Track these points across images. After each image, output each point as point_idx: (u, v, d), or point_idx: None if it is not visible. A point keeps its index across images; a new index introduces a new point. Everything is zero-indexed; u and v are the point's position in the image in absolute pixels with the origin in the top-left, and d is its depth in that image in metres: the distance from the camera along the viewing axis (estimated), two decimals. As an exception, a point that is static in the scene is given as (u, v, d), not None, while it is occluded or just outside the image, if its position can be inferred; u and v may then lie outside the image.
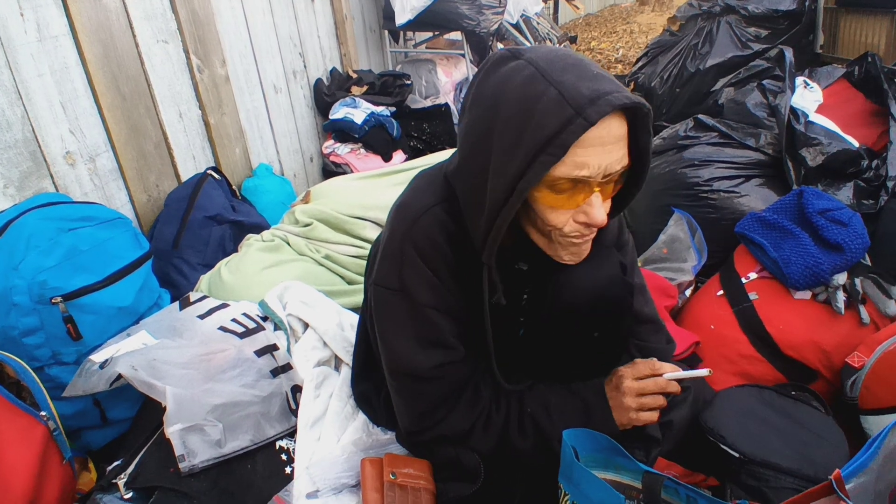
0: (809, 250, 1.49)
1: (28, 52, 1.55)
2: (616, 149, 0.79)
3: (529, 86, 0.78)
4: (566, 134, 0.74)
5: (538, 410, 1.01)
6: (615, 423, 0.99)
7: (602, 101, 0.75)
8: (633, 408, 0.97)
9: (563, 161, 0.77)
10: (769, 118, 1.91)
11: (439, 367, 0.97)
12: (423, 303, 0.94)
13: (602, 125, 0.76)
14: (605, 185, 0.83)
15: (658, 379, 0.98)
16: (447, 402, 1.00)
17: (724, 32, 2.45)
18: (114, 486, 1.11)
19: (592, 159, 0.78)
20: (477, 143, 0.83)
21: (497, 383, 1.04)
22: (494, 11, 3.33)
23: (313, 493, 1.10)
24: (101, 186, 1.79)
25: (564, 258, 0.90)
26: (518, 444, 1.00)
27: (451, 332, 0.97)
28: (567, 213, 0.83)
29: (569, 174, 0.78)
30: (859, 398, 1.32)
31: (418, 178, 1.03)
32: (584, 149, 0.77)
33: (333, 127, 2.84)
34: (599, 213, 0.82)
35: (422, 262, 0.93)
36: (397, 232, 0.94)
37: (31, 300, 1.26)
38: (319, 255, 1.86)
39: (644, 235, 2.03)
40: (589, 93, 0.75)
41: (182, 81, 2.11)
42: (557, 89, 0.76)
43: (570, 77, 0.77)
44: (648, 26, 6.85)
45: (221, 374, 1.28)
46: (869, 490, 0.87)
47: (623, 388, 0.98)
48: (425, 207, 0.94)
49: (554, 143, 0.75)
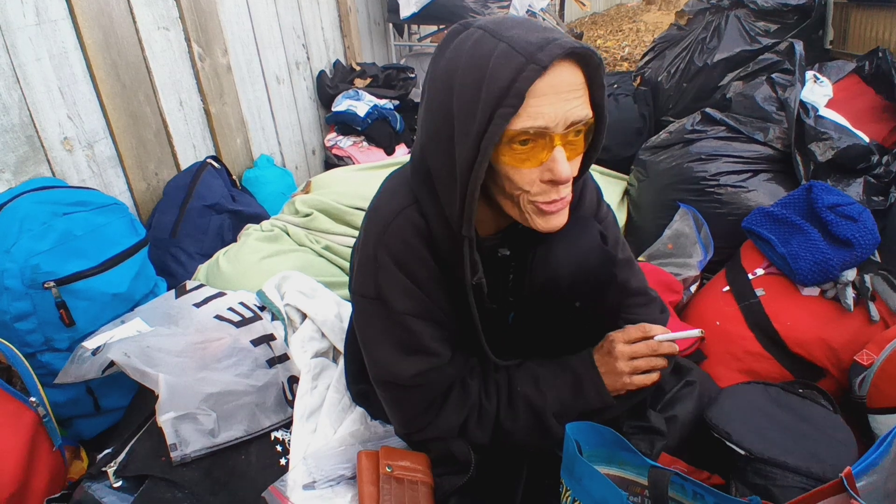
0: (818, 246, 1.46)
1: (26, 36, 1.53)
2: (572, 97, 0.78)
3: (480, 46, 0.79)
4: (520, 81, 0.74)
5: (528, 387, 1.00)
6: (606, 389, 0.98)
7: (551, 45, 0.75)
8: (626, 371, 0.97)
9: (520, 113, 0.76)
10: (778, 112, 1.87)
11: (421, 375, 0.96)
12: (400, 310, 0.93)
13: (554, 73, 0.76)
14: (568, 139, 0.81)
15: (650, 341, 0.97)
16: (433, 406, 0.99)
17: (732, 26, 2.41)
18: (103, 474, 1.09)
19: (548, 108, 0.77)
20: (439, 117, 0.83)
21: (486, 370, 1.02)
22: (500, 5, 3.31)
23: (310, 484, 1.08)
24: (100, 173, 1.77)
25: (538, 224, 0.87)
26: (511, 427, 0.99)
27: (432, 337, 0.96)
28: (532, 171, 0.82)
29: (527, 125, 0.77)
30: (868, 397, 1.29)
31: (388, 180, 1.02)
32: (539, 98, 0.77)
33: (336, 119, 2.82)
34: (563, 167, 0.81)
35: (396, 268, 0.92)
36: (370, 239, 0.93)
37: (23, 284, 1.24)
38: (319, 245, 1.84)
39: (649, 230, 2.01)
40: (537, 40, 0.76)
41: (183, 69, 2.09)
42: (507, 42, 0.77)
43: (518, 31, 0.78)
44: (655, 25, 6.81)
45: (216, 363, 1.26)
46: (879, 489, 0.85)
47: (615, 353, 0.97)
48: (396, 211, 0.92)
49: (510, 94, 0.75)
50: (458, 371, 1.00)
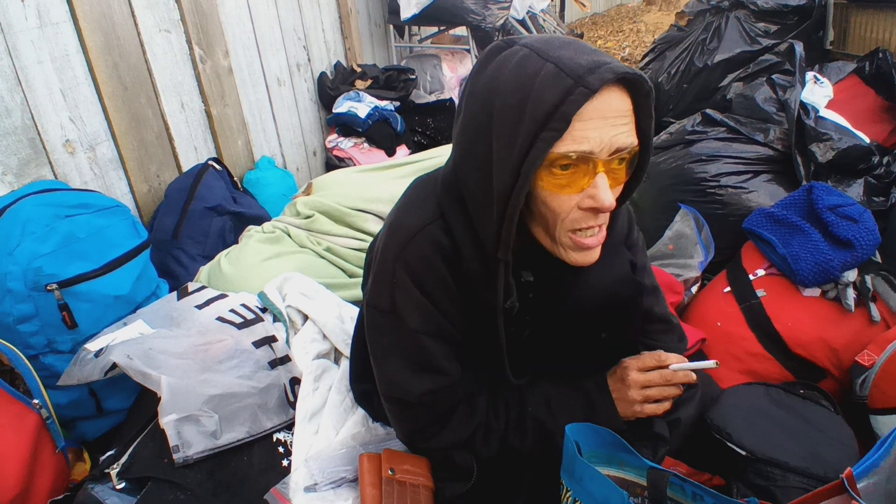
0: (819, 246, 1.46)
1: (28, 39, 1.54)
2: (619, 122, 0.76)
3: (525, 65, 0.75)
4: (567, 105, 0.71)
5: (539, 408, 0.98)
6: (619, 417, 0.96)
7: (602, 69, 0.72)
8: (637, 400, 0.95)
9: (564, 137, 0.73)
10: (778, 113, 1.88)
11: (429, 394, 0.94)
12: (413, 328, 0.90)
13: (602, 97, 0.73)
14: (611, 167, 0.78)
15: (664, 371, 0.95)
16: (438, 422, 0.98)
17: (732, 27, 2.41)
18: (106, 475, 1.09)
19: (594, 133, 0.74)
20: (477, 135, 0.80)
21: (495, 387, 1.00)
22: (500, 7, 3.30)
23: (311, 486, 1.08)
24: (101, 175, 1.77)
25: (573, 258, 0.84)
26: (518, 445, 0.98)
27: (443, 356, 0.93)
28: (571, 198, 0.79)
29: (571, 149, 0.74)
30: (869, 397, 1.29)
31: (413, 190, 0.98)
32: (585, 122, 0.73)
33: (337, 121, 2.82)
34: (606, 194, 0.77)
35: (414, 285, 0.89)
36: (390, 252, 0.90)
37: (25, 287, 1.24)
38: (320, 247, 1.84)
39: (650, 231, 2.01)
40: (587, 63, 0.73)
41: (184, 72, 2.09)
42: (555, 63, 0.74)
43: (566, 52, 0.75)
44: (655, 25, 6.81)
45: (218, 365, 1.26)
46: (880, 490, 0.85)
47: (628, 381, 0.96)
48: (419, 227, 0.89)
49: (555, 117, 0.72)
50: (467, 389, 0.98)
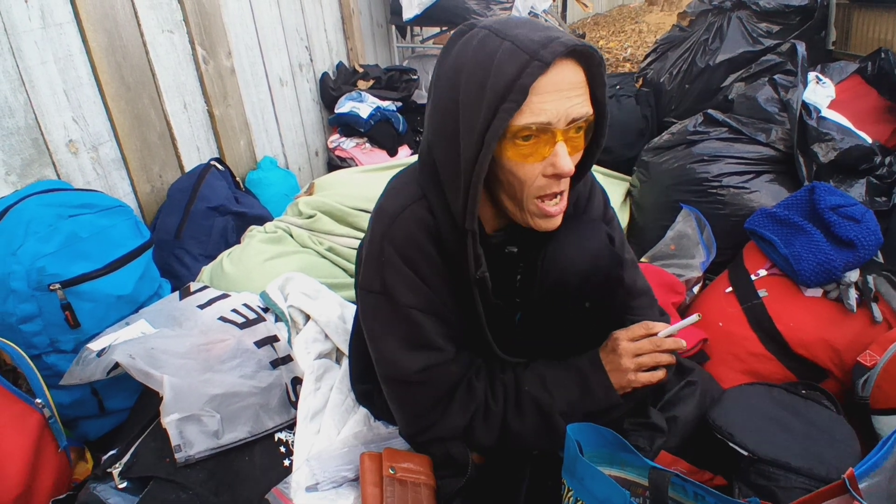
0: (821, 247, 1.46)
1: (32, 40, 1.54)
2: (573, 94, 0.82)
3: (485, 45, 0.82)
4: (524, 77, 0.77)
5: (535, 387, 1.00)
6: (613, 388, 0.98)
7: (554, 43, 0.78)
8: (630, 368, 0.97)
9: (523, 110, 0.79)
10: (780, 113, 1.87)
11: (425, 371, 0.96)
12: (405, 304, 0.94)
13: (556, 71, 0.79)
14: (569, 135, 0.84)
15: (653, 338, 0.98)
16: (439, 404, 1.00)
17: (734, 28, 2.41)
18: (108, 475, 1.09)
19: (550, 105, 0.80)
20: (445, 114, 0.86)
21: (492, 371, 1.03)
22: (502, 7, 3.30)
23: (313, 486, 1.08)
24: (104, 175, 1.78)
25: (538, 224, 0.90)
26: (519, 427, 0.99)
27: (437, 333, 0.97)
28: (534, 167, 0.85)
29: (530, 121, 0.81)
30: (871, 397, 1.29)
31: (393, 181, 1.03)
32: (541, 95, 0.80)
33: (339, 121, 2.82)
34: (565, 160, 0.83)
35: (402, 262, 0.93)
36: (377, 234, 0.95)
37: (28, 286, 1.24)
38: (322, 247, 1.84)
39: (652, 231, 2.00)
40: (540, 39, 0.79)
41: (187, 72, 2.10)
42: (511, 41, 0.80)
43: (522, 31, 0.81)
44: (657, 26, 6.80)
45: (220, 365, 1.26)
46: (882, 490, 0.85)
47: (619, 350, 0.98)
48: (402, 206, 0.94)
49: (513, 90, 0.78)
50: (464, 370, 1.01)
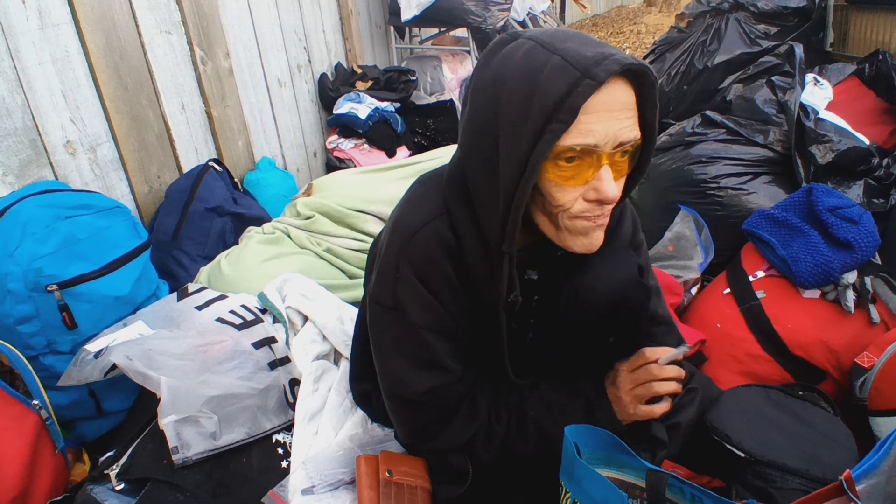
0: (819, 248, 1.46)
1: (29, 40, 1.54)
2: (623, 116, 0.76)
3: (531, 58, 0.75)
4: (574, 97, 0.71)
5: (541, 412, 0.98)
6: (617, 418, 0.96)
7: (608, 61, 0.72)
8: (628, 402, 0.95)
9: (570, 130, 0.73)
10: (778, 115, 1.88)
11: (431, 392, 0.93)
12: (417, 324, 0.90)
13: (607, 90, 0.73)
14: (615, 159, 0.78)
15: (650, 366, 0.94)
16: (440, 421, 0.97)
17: (732, 29, 2.42)
18: (105, 476, 1.09)
19: (599, 126, 0.74)
20: (482, 129, 0.80)
21: (497, 390, 1.00)
22: (501, 8, 3.30)
23: (309, 488, 1.08)
24: (102, 176, 1.78)
25: (574, 246, 0.83)
26: (521, 449, 0.98)
27: (446, 353, 0.93)
28: (575, 190, 0.79)
29: (576, 143, 0.74)
30: (868, 399, 1.29)
31: (417, 186, 0.97)
32: (590, 115, 0.73)
33: (337, 122, 2.82)
34: (610, 186, 0.77)
35: (417, 280, 0.88)
36: (393, 247, 0.89)
37: (26, 287, 1.24)
38: (320, 248, 1.84)
39: (650, 233, 2.00)
40: (593, 55, 0.72)
41: (185, 73, 2.10)
42: (561, 56, 0.73)
43: (572, 45, 0.75)
44: (656, 27, 6.81)
45: (218, 366, 1.26)
46: (879, 492, 0.85)
47: (618, 383, 0.96)
48: (423, 222, 0.89)
49: (562, 109, 0.71)
50: (469, 388, 0.98)
